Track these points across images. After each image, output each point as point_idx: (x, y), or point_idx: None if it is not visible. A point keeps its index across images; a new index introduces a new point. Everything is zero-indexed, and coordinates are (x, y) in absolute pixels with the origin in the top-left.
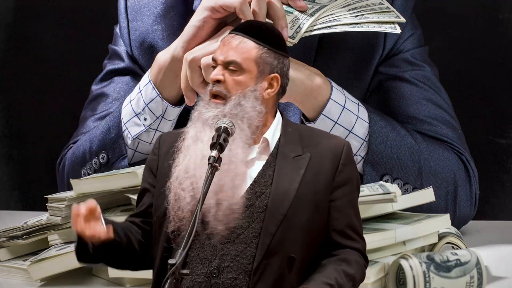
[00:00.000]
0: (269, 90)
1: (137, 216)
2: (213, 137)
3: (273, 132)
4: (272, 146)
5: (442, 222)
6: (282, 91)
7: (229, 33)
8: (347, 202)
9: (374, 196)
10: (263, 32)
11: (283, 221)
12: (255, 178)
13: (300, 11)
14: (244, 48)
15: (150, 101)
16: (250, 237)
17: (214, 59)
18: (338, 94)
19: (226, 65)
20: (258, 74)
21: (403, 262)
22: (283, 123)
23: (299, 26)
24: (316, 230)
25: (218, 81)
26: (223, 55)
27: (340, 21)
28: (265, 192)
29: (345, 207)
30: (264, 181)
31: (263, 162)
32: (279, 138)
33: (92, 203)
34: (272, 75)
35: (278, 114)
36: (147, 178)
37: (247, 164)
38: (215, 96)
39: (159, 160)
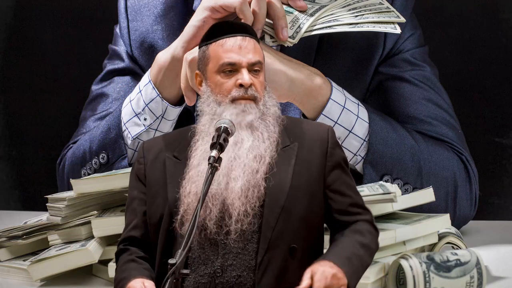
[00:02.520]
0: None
1: (136, 229)
2: (213, 137)
3: None
4: None
5: (442, 222)
6: None
7: (228, 36)
8: (343, 183)
9: (374, 196)
10: (253, 31)
11: (281, 213)
12: None
13: (300, 11)
14: (259, 48)
15: (150, 101)
16: (251, 232)
17: (232, 63)
18: (338, 94)
19: (251, 67)
20: (264, 72)
21: (403, 262)
22: None
23: (299, 26)
24: (314, 217)
25: (249, 85)
26: (244, 57)
27: (340, 21)
28: None
29: (343, 187)
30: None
31: None
32: None
33: None
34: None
35: None
36: (136, 187)
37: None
38: (244, 99)
39: (146, 168)
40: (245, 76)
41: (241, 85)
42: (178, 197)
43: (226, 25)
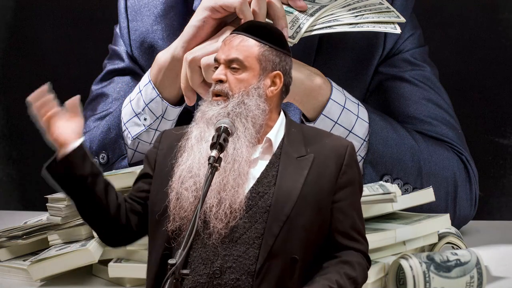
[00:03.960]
0: (272, 88)
1: (129, 195)
2: (213, 137)
3: (276, 132)
4: (275, 146)
5: (442, 222)
6: (286, 90)
7: (230, 34)
8: (350, 204)
9: (374, 196)
10: (264, 31)
11: (286, 222)
12: (258, 178)
13: (300, 11)
14: (245, 46)
15: (150, 101)
16: (253, 237)
17: (216, 59)
18: (338, 94)
19: (228, 63)
20: (261, 72)
21: (403, 262)
22: (287, 123)
23: (299, 26)
24: (318, 231)
25: (220, 81)
26: (224, 54)
27: (340, 21)
28: (268, 192)
29: (349, 208)
30: (267, 181)
31: (266, 162)
32: (283, 138)
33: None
34: (275, 72)
35: (282, 114)
36: (144, 168)
37: (250, 164)
38: (217, 95)
39: (158, 154)
40: (216, 72)
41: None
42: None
43: (243, 25)
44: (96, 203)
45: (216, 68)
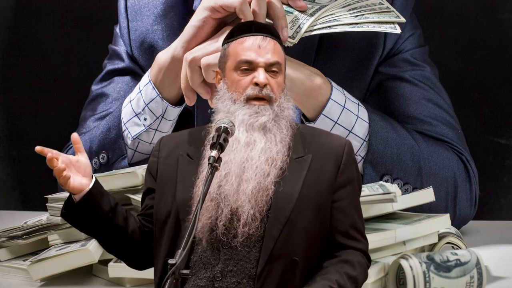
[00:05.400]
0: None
1: (139, 215)
2: (213, 137)
3: None
4: None
5: (442, 222)
6: None
7: (249, 35)
8: (350, 203)
9: (374, 196)
10: (277, 34)
11: (286, 225)
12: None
13: (300, 11)
14: (279, 49)
15: (150, 101)
16: (253, 240)
17: (249, 61)
18: (338, 94)
19: (269, 67)
20: (284, 75)
21: (403, 262)
22: None
23: (299, 26)
24: (318, 232)
25: (265, 85)
26: (263, 57)
27: (340, 21)
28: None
29: (348, 208)
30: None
31: None
32: None
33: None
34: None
35: None
36: (147, 181)
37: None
38: (260, 99)
39: (159, 162)
40: (261, 75)
41: (256, 84)
42: (191, 195)
43: (249, 25)
44: (120, 234)
45: (247, 70)
